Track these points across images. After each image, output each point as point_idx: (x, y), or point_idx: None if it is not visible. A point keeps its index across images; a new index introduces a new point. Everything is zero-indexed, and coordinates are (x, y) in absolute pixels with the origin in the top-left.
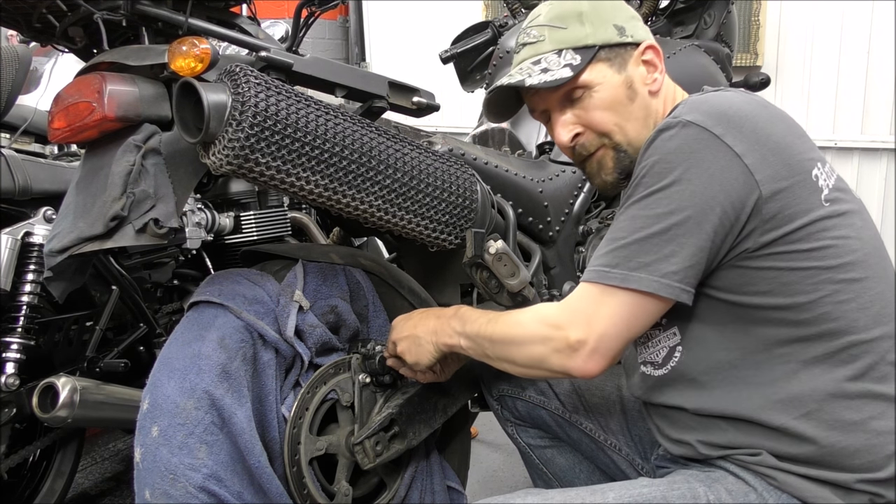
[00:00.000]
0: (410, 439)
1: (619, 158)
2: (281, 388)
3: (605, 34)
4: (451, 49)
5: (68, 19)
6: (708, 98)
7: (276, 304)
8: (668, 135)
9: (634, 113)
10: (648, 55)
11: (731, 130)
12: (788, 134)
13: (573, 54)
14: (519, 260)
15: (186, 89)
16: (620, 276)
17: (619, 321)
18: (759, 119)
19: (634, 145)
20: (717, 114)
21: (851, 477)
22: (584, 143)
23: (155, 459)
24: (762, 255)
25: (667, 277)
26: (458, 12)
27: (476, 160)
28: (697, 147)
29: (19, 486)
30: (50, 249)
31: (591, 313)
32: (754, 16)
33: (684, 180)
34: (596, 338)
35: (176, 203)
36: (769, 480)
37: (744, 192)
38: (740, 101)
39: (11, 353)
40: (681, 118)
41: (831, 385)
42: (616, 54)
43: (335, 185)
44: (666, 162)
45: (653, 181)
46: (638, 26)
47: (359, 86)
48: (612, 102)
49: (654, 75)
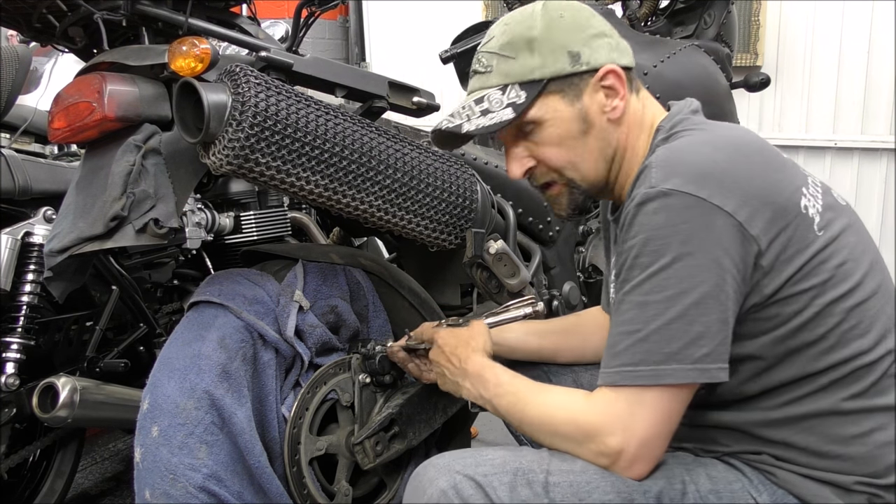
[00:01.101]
0: (410, 439)
1: (573, 196)
2: (281, 388)
3: (556, 65)
4: (451, 49)
5: (68, 19)
6: (680, 156)
7: (276, 304)
8: (651, 208)
9: (589, 146)
10: (608, 80)
11: (716, 190)
12: (769, 171)
13: (518, 91)
14: (519, 260)
15: (186, 89)
16: (650, 374)
17: (658, 421)
18: (738, 167)
19: (589, 180)
20: (697, 175)
21: (850, 479)
22: (536, 175)
23: (155, 459)
24: (767, 304)
25: (700, 362)
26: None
27: (476, 160)
28: (688, 216)
29: (19, 486)
30: (50, 249)
31: (627, 419)
32: (754, 16)
33: (686, 255)
34: (636, 445)
35: (176, 203)
36: (768, 476)
37: (744, 250)
38: (715, 153)
39: (11, 353)
40: (660, 187)
41: (834, 405)
42: (569, 84)
43: (335, 185)
44: (659, 239)
45: (650, 261)
46: (598, 47)
47: (359, 86)
48: (563, 138)
49: (614, 102)
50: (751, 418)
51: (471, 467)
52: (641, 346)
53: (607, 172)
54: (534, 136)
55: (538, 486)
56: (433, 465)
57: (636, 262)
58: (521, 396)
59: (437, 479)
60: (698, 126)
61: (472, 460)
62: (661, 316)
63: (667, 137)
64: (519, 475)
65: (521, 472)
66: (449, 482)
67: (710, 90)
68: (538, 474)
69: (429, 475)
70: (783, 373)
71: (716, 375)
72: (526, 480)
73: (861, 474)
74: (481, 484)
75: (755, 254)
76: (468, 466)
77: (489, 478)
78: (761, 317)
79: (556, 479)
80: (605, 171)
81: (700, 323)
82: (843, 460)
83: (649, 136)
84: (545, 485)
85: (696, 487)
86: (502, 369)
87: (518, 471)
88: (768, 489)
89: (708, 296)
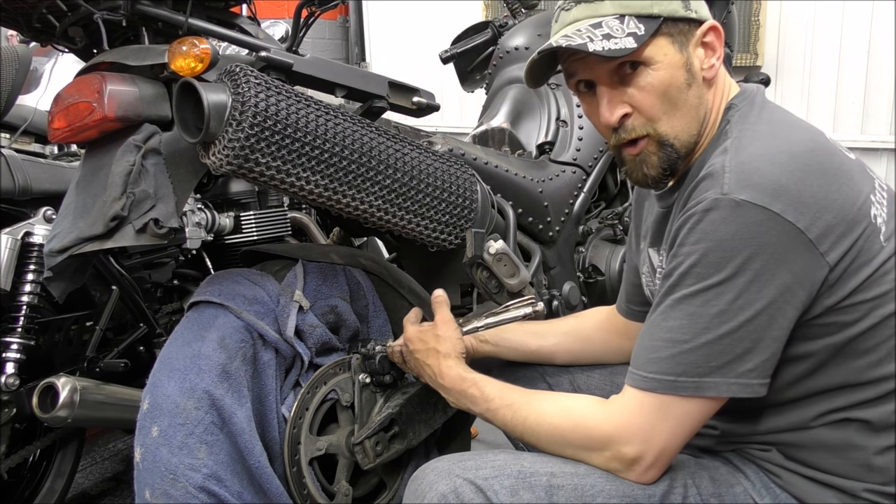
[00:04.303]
0: (410, 439)
1: (666, 154)
2: (281, 388)
3: (671, 5)
4: (451, 49)
5: (68, 19)
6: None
7: (276, 304)
8: (719, 217)
9: (689, 100)
10: (709, 37)
11: (791, 204)
12: (844, 179)
13: (637, 23)
14: (519, 260)
15: (186, 89)
16: (693, 386)
17: (681, 432)
18: (815, 179)
19: (682, 139)
20: (772, 187)
21: (859, 485)
22: (628, 127)
23: (155, 459)
24: (826, 314)
25: (744, 377)
26: (458, 12)
27: (476, 160)
28: (758, 231)
29: (19, 486)
30: (50, 249)
31: (650, 428)
32: (754, 16)
33: (748, 270)
34: (655, 454)
35: (176, 203)
36: (773, 478)
37: (812, 271)
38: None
39: (11, 353)
40: (732, 196)
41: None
42: (679, 30)
43: (335, 185)
44: (722, 250)
45: (708, 272)
46: (701, 3)
47: (359, 86)
48: (668, 85)
49: (711, 60)
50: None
51: (471, 471)
52: (687, 357)
53: (697, 135)
54: (638, 78)
55: (541, 490)
56: (433, 468)
57: (692, 271)
58: (517, 408)
59: (436, 483)
60: (774, 122)
61: (472, 463)
62: (712, 331)
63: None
64: (521, 478)
65: (524, 475)
66: (449, 486)
67: None
68: (541, 477)
69: (428, 479)
70: (827, 379)
71: (757, 391)
72: (528, 484)
73: (873, 482)
74: (482, 488)
75: (825, 272)
76: (469, 470)
77: (490, 481)
78: (818, 323)
79: (559, 481)
80: (696, 134)
81: (750, 340)
82: (859, 468)
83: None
84: (548, 488)
85: (697, 490)
86: (485, 381)
87: (520, 474)
88: (770, 492)
89: (763, 314)
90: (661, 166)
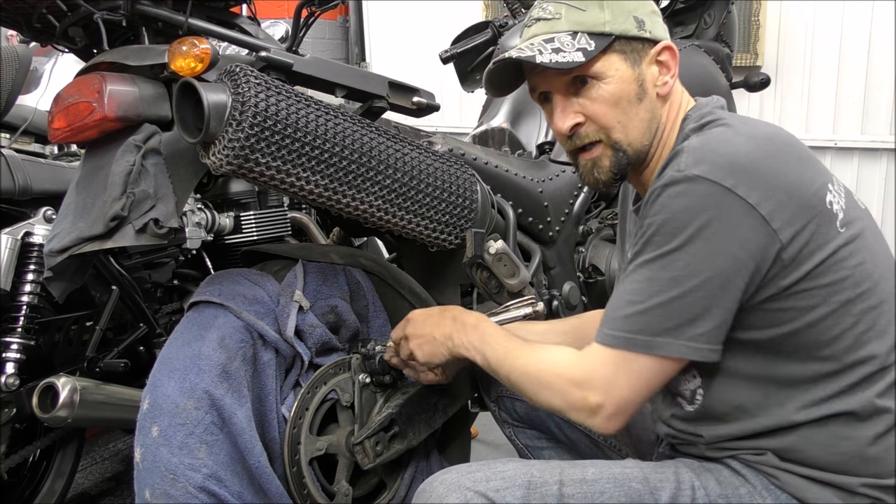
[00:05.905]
0: (410, 439)
1: (618, 158)
2: (281, 388)
3: (624, 24)
4: (451, 49)
5: (68, 19)
6: (713, 144)
7: (276, 304)
8: (675, 191)
9: (640, 113)
10: (664, 56)
11: (743, 180)
12: (798, 165)
13: (588, 39)
14: (519, 260)
15: (186, 89)
16: (644, 343)
17: (640, 386)
18: (769, 160)
19: (634, 147)
20: (726, 164)
21: (856, 480)
22: (582, 134)
23: (155, 459)
24: (782, 296)
25: (694, 340)
26: (458, 12)
27: (476, 160)
28: (710, 203)
29: (19, 486)
30: (50, 249)
31: (611, 379)
32: (754, 16)
33: (699, 239)
34: (615, 403)
35: (176, 203)
36: (771, 479)
37: (763, 244)
38: (747, 143)
39: (11, 353)
40: (687, 171)
41: (850, 406)
42: (632, 48)
43: (335, 185)
44: (677, 221)
45: (664, 240)
46: (657, 23)
47: (359, 86)
48: (619, 98)
49: (665, 78)
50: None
51: (481, 482)
52: (641, 317)
53: (649, 146)
54: (590, 91)
55: (552, 499)
56: (441, 480)
57: (651, 240)
58: (511, 350)
59: (446, 497)
60: (731, 119)
61: (481, 475)
62: (663, 293)
63: (699, 127)
64: (531, 488)
65: (534, 484)
66: (460, 499)
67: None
68: (551, 486)
69: (437, 492)
70: (798, 369)
71: (707, 356)
72: (539, 494)
73: (868, 475)
74: (493, 500)
75: (776, 248)
76: (479, 482)
77: (501, 493)
78: (775, 307)
79: (569, 490)
80: (648, 144)
81: (701, 305)
82: (853, 460)
83: (676, 123)
84: (559, 497)
85: (705, 492)
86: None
87: (530, 483)
88: (772, 493)
89: (713, 281)
90: (611, 170)
